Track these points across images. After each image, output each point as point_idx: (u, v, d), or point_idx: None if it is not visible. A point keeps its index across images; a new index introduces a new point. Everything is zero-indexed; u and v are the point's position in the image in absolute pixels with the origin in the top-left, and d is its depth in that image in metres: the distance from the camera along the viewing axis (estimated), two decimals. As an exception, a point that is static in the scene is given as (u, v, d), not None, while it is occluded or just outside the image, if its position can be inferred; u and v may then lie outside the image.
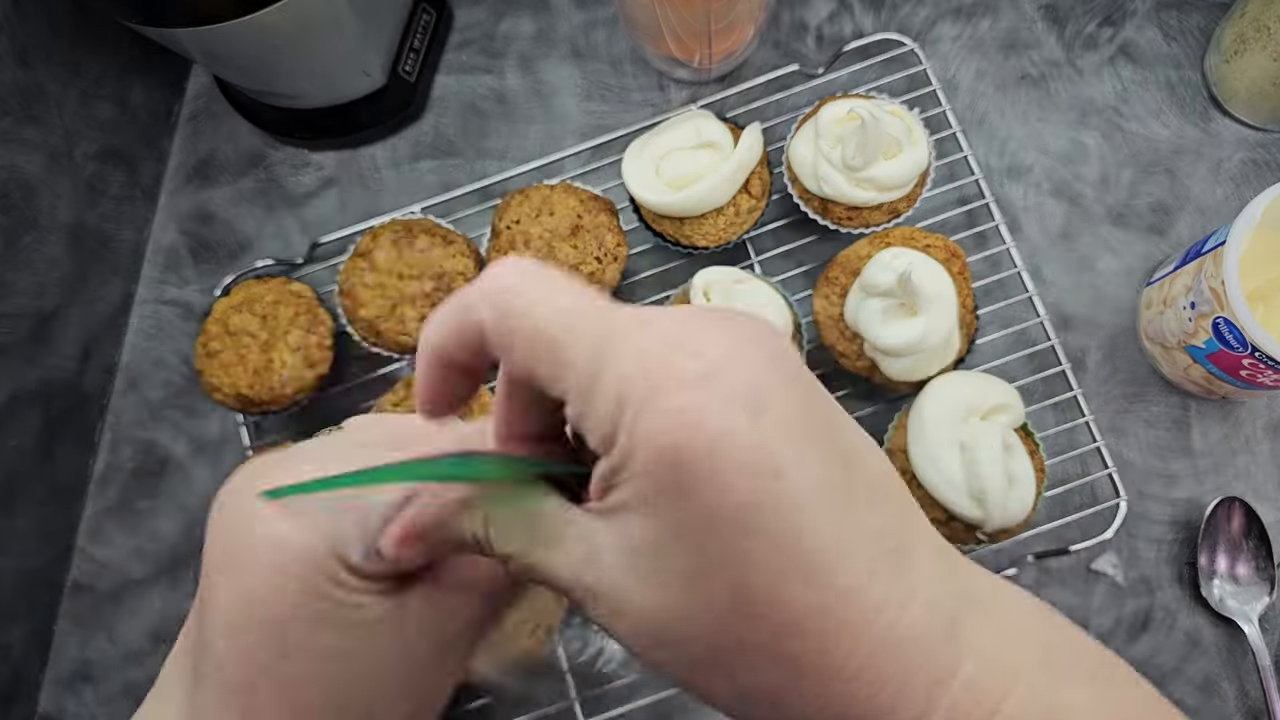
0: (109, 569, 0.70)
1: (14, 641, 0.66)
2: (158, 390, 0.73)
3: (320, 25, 0.65)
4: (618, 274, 0.65)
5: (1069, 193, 0.70)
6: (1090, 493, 0.65)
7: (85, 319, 0.71)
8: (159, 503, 0.71)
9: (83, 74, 0.69)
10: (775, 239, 0.71)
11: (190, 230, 0.76)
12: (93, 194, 0.71)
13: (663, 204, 0.63)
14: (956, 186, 0.70)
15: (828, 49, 0.75)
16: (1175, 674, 0.62)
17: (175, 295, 0.75)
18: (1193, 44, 0.72)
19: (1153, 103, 0.71)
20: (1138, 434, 0.66)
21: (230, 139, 0.78)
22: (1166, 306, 0.62)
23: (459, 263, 0.65)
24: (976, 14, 0.75)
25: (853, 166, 0.62)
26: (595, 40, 0.77)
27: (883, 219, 0.65)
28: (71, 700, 0.68)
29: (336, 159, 0.76)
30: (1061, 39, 0.73)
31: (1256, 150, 0.70)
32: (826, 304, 0.62)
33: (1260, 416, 0.65)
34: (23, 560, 0.66)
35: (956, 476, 0.55)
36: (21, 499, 0.66)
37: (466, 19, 0.79)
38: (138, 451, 0.72)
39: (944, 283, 0.57)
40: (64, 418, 0.69)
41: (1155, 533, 0.64)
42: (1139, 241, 0.69)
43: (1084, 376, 0.67)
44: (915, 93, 0.72)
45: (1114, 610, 0.63)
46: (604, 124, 0.75)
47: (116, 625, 0.69)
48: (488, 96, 0.77)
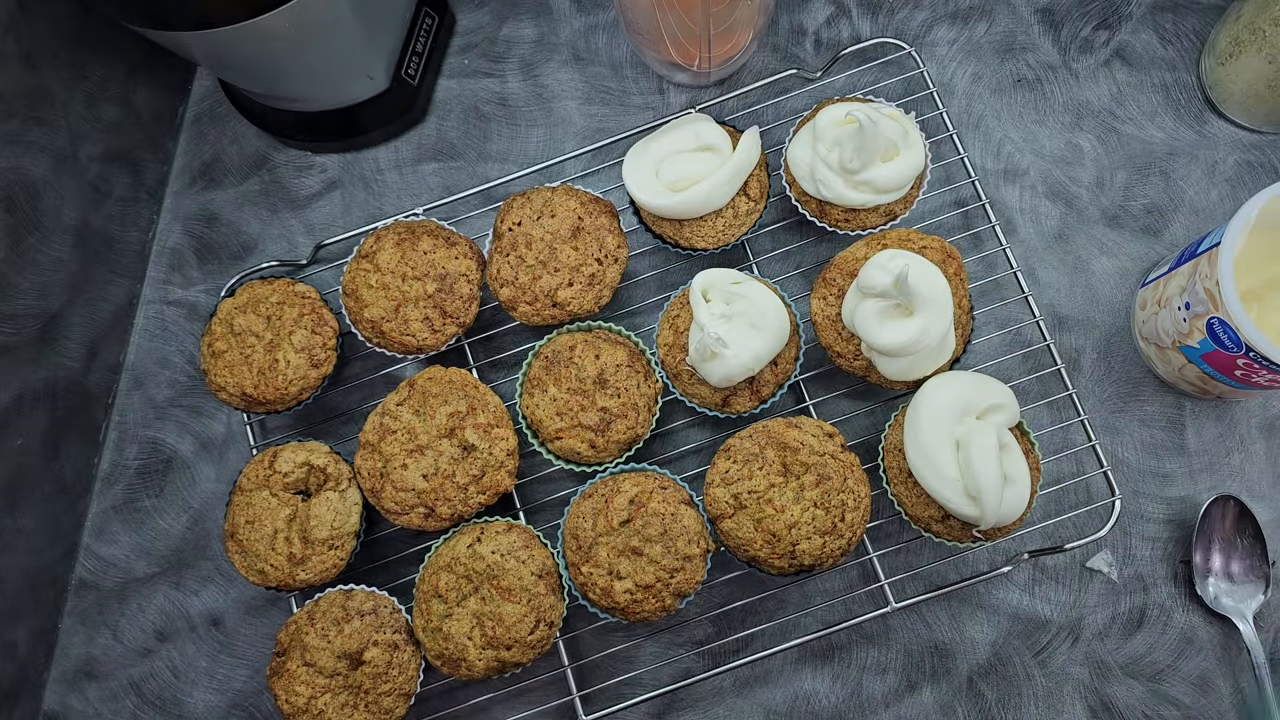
0: (114, 567, 0.71)
1: (19, 639, 0.66)
2: (163, 390, 0.74)
3: (323, 29, 0.66)
4: (618, 275, 0.65)
5: (1064, 195, 0.71)
6: (1085, 491, 0.65)
7: (91, 319, 0.71)
8: (164, 501, 0.72)
9: (88, 77, 0.70)
10: (773, 241, 0.71)
11: (195, 232, 0.77)
12: (98, 195, 0.71)
13: (662, 206, 0.64)
14: (953, 189, 0.71)
15: (825, 53, 0.76)
16: (1170, 671, 0.62)
17: (180, 296, 0.76)
18: (1188, 47, 0.73)
19: (1148, 105, 0.72)
20: (1132, 433, 0.67)
21: (234, 141, 0.78)
22: (1161, 307, 0.63)
23: (462, 264, 0.66)
24: (973, 18, 0.75)
25: (850, 169, 0.62)
26: (596, 44, 0.78)
27: (880, 221, 0.65)
28: (76, 697, 0.68)
29: (340, 161, 0.77)
30: (1057, 42, 0.74)
31: (1251, 152, 0.70)
32: (824, 305, 0.62)
33: (1254, 415, 0.66)
34: (28, 558, 0.67)
35: (952, 475, 0.55)
36: (27, 497, 0.66)
37: (469, 23, 0.79)
38: (143, 450, 0.73)
39: (940, 284, 0.57)
40: (70, 417, 0.70)
41: (1150, 531, 0.65)
42: (1134, 243, 0.70)
43: (1079, 376, 0.68)
44: (912, 96, 0.73)
45: (1109, 608, 0.64)
46: (604, 127, 0.76)
47: (121, 623, 0.70)
48: (490, 100, 0.77)
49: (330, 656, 0.59)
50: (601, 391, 0.62)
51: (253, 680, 0.68)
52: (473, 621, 0.58)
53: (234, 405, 0.66)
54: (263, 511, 0.62)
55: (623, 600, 0.58)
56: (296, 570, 0.62)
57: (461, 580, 0.59)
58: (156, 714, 0.68)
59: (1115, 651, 0.63)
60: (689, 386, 0.63)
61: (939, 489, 0.56)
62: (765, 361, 0.60)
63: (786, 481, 0.58)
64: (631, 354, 0.63)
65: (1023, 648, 0.64)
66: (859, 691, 0.64)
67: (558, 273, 0.64)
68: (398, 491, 0.61)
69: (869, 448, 0.66)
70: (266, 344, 0.65)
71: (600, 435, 0.62)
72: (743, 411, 0.63)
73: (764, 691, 0.65)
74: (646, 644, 0.66)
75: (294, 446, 0.64)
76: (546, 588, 0.59)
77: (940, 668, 0.64)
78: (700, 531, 0.59)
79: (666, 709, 0.65)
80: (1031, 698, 0.63)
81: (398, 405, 0.63)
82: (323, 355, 0.66)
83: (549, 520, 0.68)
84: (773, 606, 0.65)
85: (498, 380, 0.70)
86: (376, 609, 0.61)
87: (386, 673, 0.59)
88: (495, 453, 0.62)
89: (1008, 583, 0.65)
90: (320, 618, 0.60)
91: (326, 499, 0.63)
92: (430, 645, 0.59)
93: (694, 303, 0.60)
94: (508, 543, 0.60)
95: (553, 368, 0.63)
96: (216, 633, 0.69)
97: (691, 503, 0.60)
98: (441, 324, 0.65)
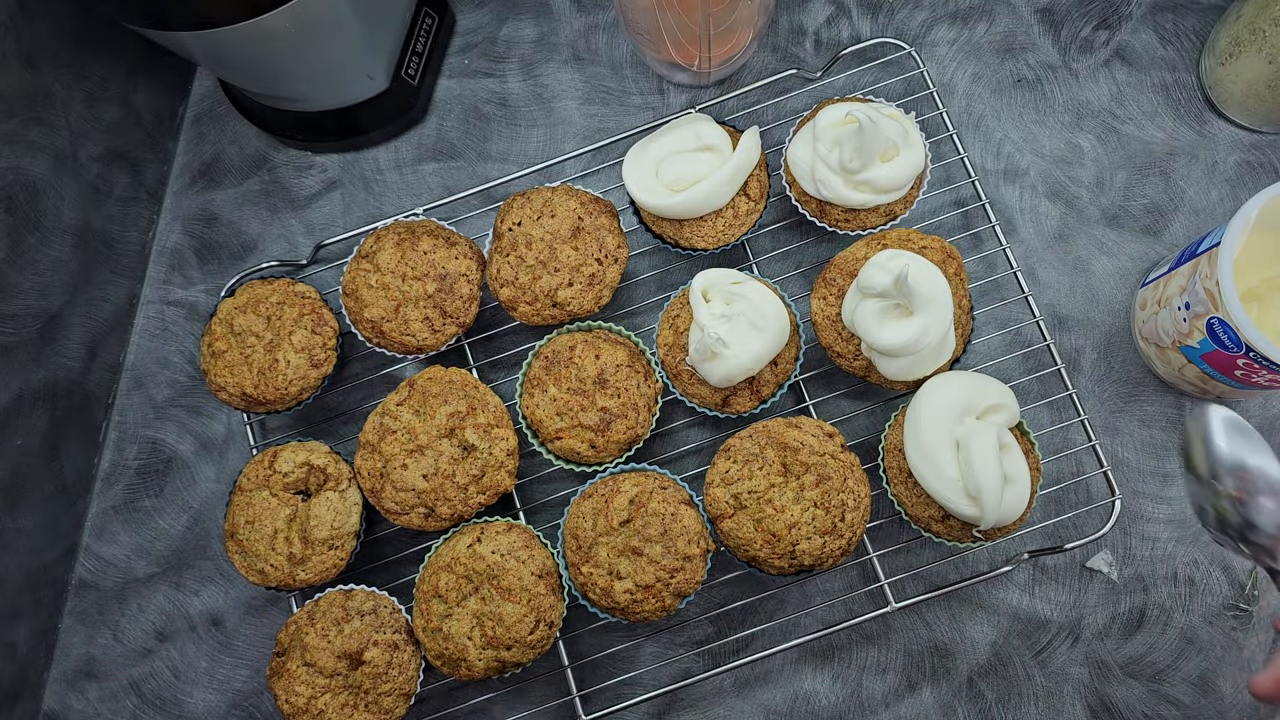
0: (114, 567, 0.71)
1: (20, 639, 0.66)
2: (163, 390, 0.74)
3: (323, 29, 0.66)
4: (618, 275, 0.65)
5: (1064, 195, 0.71)
6: (1085, 491, 0.65)
7: (91, 319, 0.71)
8: (164, 501, 0.72)
9: (88, 77, 0.70)
10: (773, 241, 0.71)
11: (195, 232, 0.77)
12: (98, 196, 0.71)
13: (662, 206, 0.64)
14: (953, 189, 0.71)
15: (825, 53, 0.76)
16: (1170, 671, 0.62)
17: (180, 296, 0.76)
18: (1188, 47, 0.73)
19: (1148, 105, 0.72)
20: (1132, 433, 0.67)
21: (234, 141, 0.78)
22: (1161, 307, 0.63)
23: (462, 264, 0.66)
24: (973, 18, 0.75)
25: (850, 169, 0.62)
26: (596, 45, 0.78)
27: (880, 221, 0.65)
28: (76, 697, 0.68)
29: (340, 161, 0.77)
30: (1057, 42, 0.74)
31: (1251, 152, 0.70)
32: (824, 305, 0.63)
33: (1254, 415, 0.66)
34: (29, 558, 0.67)
35: (953, 475, 0.55)
36: (27, 497, 0.66)
37: (469, 23, 0.79)
38: (143, 450, 0.73)
39: (940, 284, 0.57)
40: (70, 417, 0.70)
41: (1150, 531, 0.65)
42: (1134, 243, 0.70)
43: (1079, 376, 0.68)
44: (912, 96, 0.73)
45: (1109, 608, 0.64)
46: (604, 127, 0.76)
47: (121, 623, 0.70)
48: (490, 100, 0.77)
49: (330, 656, 0.59)
50: (601, 391, 0.62)
51: (253, 680, 0.68)
52: (473, 621, 0.58)
53: (234, 405, 0.66)
54: (263, 511, 0.62)
55: (623, 600, 0.58)
56: (296, 570, 0.62)
57: (461, 580, 0.59)
58: (156, 714, 0.68)
59: (1115, 651, 0.63)
60: (689, 386, 0.63)
61: (939, 489, 0.56)
62: (765, 361, 0.60)
63: (786, 481, 0.58)
64: (631, 354, 0.63)
65: (1023, 648, 0.64)
66: (859, 691, 0.64)
67: (558, 273, 0.64)
68: (398, 491, 0.61)
69: (869, 448, 0.66)
70: (266, 344, 0.65)
71: (600, 435, 0.62)
72: (743, 411, 0.63)
73: (764, 691, 0.65)
74: (646, 644, 0.66)
75: (294, 446, 0.64)
76: (546, 588, 0.59)
77: (940, 668, 0.64)
78: (700, 531, 0.59)
79: (666, 709, 0.65)
80: (1031, 698, 0.63)
81: (398, 405, 0.63)
82: (323, 355, 0.66)
83: (549, 520, 0.68)
84: (773, 606, 0.65)
85: (498, 380, 0.70)
86: (376, 609, 0.61)
87: (386, 673, 0.59)
88: (495, 453, 0.62)
89: (1008, 583, 0.65)
90: (320, 618, 0.60)
91: (326, 499, 0.63)
92: (430, 645, 0.59)
93: (694, 303, 0.60)
94: (508, 543, 0.60)
95: (553, 368, 0.63)
96: (216, 633, 0.69)
97: (691, 503, 0.60)
98: (441, 324, 0.65)
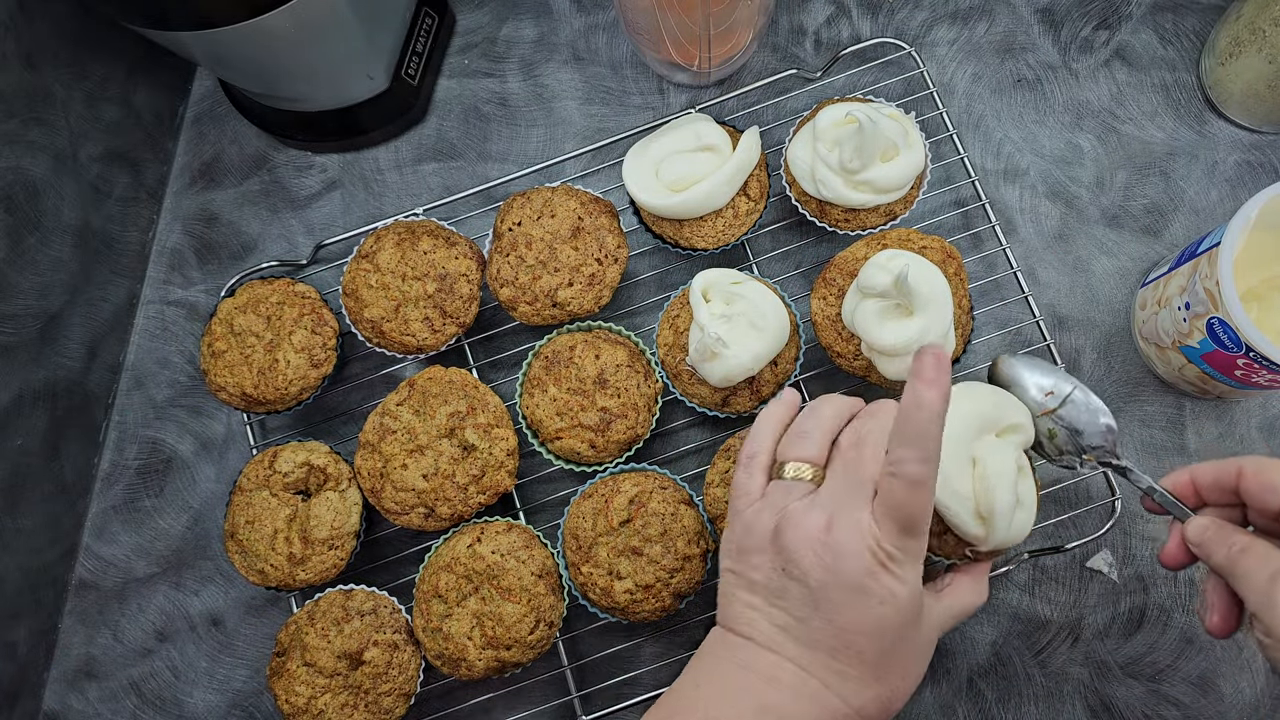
0: (114, 567, 0.71)
1: (19, 638, 0.66)
2: (163, 390, 0.74)
3: (323, 29, 0.66)
4: (618, 275, 0.65)
5: (1064, 195, 0.71)
6: (1085, 491, 0.65)
7: (91, 319, 0.71)
8: (164, 501, 0.72)
9: (88, 77, 0.70)
10: (773, 241, 0.71)
11: (195, 232, 0.77)
12: (98, 196, 0.71)
13: (662, 206, 0.64)
14: (953, 189, 0.71)
15: (825, 53, 0.76)
16: (1170, 671, 0.62)
17: (180, 296, 0.76)
18: (1188, 47, 0.73)
19: (1148, 105, 0.72)
20: (1133, 433, 0.67)
21: (234, 141, 0.78)
22: (1161, 307, 0.63)
23: (462, 264, 0.66)
24: (973, 18, 0.75)
25: (850, 169, 0.62)
26: (596, 44, 0.78)
27: (879, 221, 0.65)
28: (76, 697, 0.68)
29: (340, 161, 0.77)
30: (1057, 42, 0.74)
31: (1251, 152, 0.70)
32: (824, 305, 0.62)
33: (1255, 416, 0.66)
34: (28, 558, 0.67)
35: (965, 491, 0.52)
36: (27, 497, 0.66)
37: (469, 23, 0.79)
38: (143, 450, 0.73)
39: (940, 284, 0.57)
40: (70, 417, 0.70)
41: (1150, 531, 0.65)
42: (1133, 243, 0.70)
43: (1079, 376, 0.68)
44: (912, 96, 0.73)
45: (1109, 608, 0.64)
46: (604, 127, 0.76)
47: (121, 623, 0.70)
48: (490, 100, 0.77)
49: (330, 656, 0.59)
50: (601, 391, 0.62)
51: (253, 680, 0.68)
52: (473, 621, 0.58)
53: (234, 405, 0.66)
54: (263, 511, 0.62)
55: (623, 600, 0.58)
56: (296, 570, 0.62)
57: (461, 580, 0.59)
58: (156, 714, 0.68)
59: (1115, 651, 0.63)
60: (689, 386, 0.63)
61: (948, 503, 0.52)
62: (765, 361, 0.60)
63: (786, 481, 0.58)
64: (631, 354, 0.63)
65: (1023, 648, 0.64)
66: (859, 691, 0.64)
67: (558, 273, 0.64)
68: (398, 491, 0.61)
69: (869, 448, 0.65)
70: (266, 344, 0.65)
71: (600, 435, 0.62)
72: (743, 411, 0.63)
73: (764, 691, 0.65)
74: (646, 644, 0.66)
75: (294, 446, 0.64)
76: (546, 588, 0.59)
77: (940, 668, 0.64)
78: (700, 531, 0.59)
79: (666, 709, 0.65)
80: (1031, 698, 0.63)
81: (398, 405, 0.63)
82: (323, 355, 0.66)
83: (549, 520, 0.68)
84: (773, 606, 0.65)
85: (498, 380, 0.70)
86: (376, 609, 0.61)
87: (386, 673, 0.59)
88: (495, 453, 0.62)
89: (1008, 583, 0.65)
90: (320, 618, 0.60)
91: (326, 499, 0.63)
92: (430, 645, 0.59)
93: (694, 303, 0.60)
94: (508, 543, 0.60)
95: (553, 368, 0.63)
96: (216, 633, 0.69)
97: (691, 503, 0.60)
98: (441, 324, 0.65)
